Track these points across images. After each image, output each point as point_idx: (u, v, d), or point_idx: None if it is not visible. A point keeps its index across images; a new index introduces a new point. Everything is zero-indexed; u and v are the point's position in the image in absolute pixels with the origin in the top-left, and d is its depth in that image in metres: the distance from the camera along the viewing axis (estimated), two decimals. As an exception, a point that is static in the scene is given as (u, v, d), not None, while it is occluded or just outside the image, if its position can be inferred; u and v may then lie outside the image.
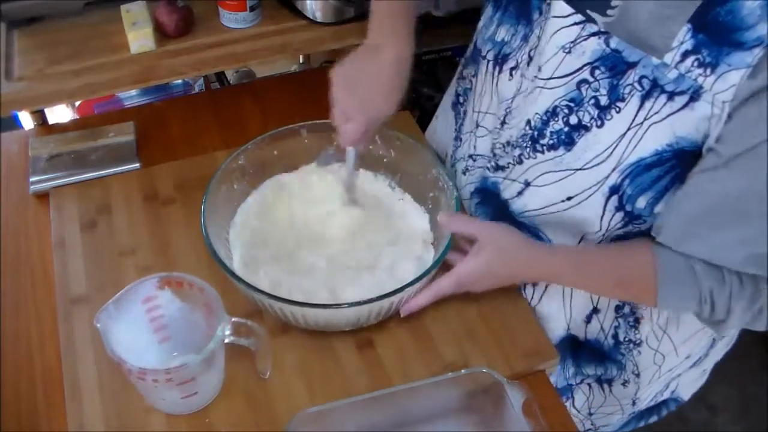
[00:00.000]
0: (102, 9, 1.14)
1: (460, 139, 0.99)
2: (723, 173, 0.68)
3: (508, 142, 0.85)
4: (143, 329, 0.77)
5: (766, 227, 0.66)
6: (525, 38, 0.82)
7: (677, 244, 0.74)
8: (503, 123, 0.86)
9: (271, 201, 0.97)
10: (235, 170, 0.94)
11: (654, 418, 1.06)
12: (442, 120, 1.06)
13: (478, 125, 0.93)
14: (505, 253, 0.81)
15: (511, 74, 0.84)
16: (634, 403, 0.99)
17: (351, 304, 0.79)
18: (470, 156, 0.95)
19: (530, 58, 0.80)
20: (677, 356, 0.93)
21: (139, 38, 1.06)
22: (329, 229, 0.93)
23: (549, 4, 0.77)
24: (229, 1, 1.11)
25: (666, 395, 1.02)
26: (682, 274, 0.74)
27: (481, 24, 0.89)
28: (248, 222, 0.95)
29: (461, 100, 0.98)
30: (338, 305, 0.81)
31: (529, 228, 0.87)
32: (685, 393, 1.05)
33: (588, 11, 0.72)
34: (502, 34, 0.85)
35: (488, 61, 0.88)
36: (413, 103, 1.52)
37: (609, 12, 0.71)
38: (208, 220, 0.85)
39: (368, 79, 0.83)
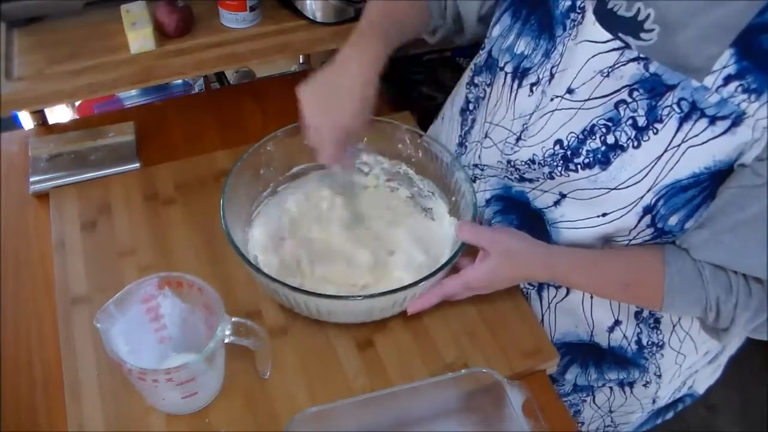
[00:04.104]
0: (102, 9, 1.14)
1: (465, 146, 0.98)
2: (762, 192, 0.68)
3: (532, 160, 0.84)
4: (143, 329, 0.77)
5: None
6: (547, 54, 0.81)
7: (697, 250, 0.75)
8: (519, 139, 0.85)
9: (296, 189, 0.98)
10: (262, 155, 0.94)
11: (670, 414, 1.07)
12: (448, 124, 1.05)
13: (486, 135, 0.92)
14: (511, 257, 0.81)
15: (531, 90, 0.83)
16: (654, 402, 1.00)
17: (364, 297, 0.80)
18: (476, 165, 0.95)
19: (552, 76, 0.80)
20: (697, 354, 0.94)
21: (139, 38, 1.06)
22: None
23: (575, 21, 0.76)
24: (229, 1, 1.11)
25: (683, 391, 1.03)
26: (690, 279, 0.75)
27: (497, 33, 0.87)
28: (270, 208, 0.95)
29: (471, 107, 0.97)
30: (353, 297, 0.81)
31: (555, 241, 0.87)
32: (701, 387, 1.05)
33: (620, 35, 0.72)
34: (522, 46, 0.83)
35: (506, 73, 0.86)
36: (413, 103, 1.52)
37: (643, 36, 0.70)
38: (228, 205, 0.85)
39: (332, 88, 0.82)
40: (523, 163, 0.86)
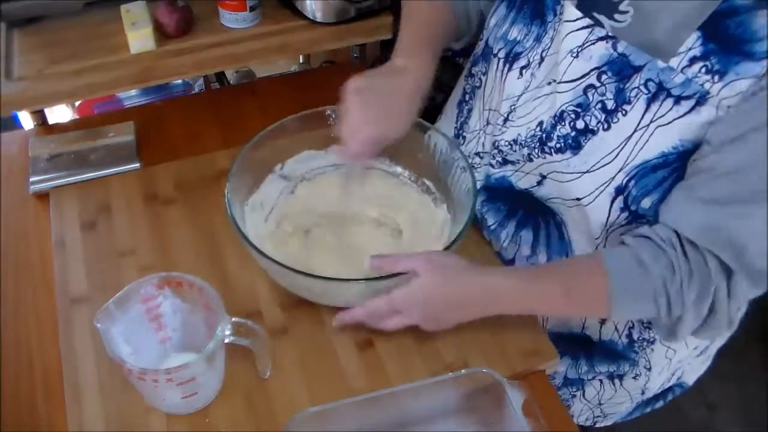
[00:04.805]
0: (102, 9, 1.14)
1: (464, 137, 0.98)
2: (712, 157, 0.69)
3: (515, 141, 0.85)
4: (143, 329, 0.77)
5: (738, 209, 0.68)
6: (538, 39, 0.82)
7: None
8: (506, 120, 0.86)
9: (295, 177, 0.99)
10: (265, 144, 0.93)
11: (660, 403, 1.07)
12: (445, 118, 1.06)
13: (488, 122, 0.93)
14: (440, 272, 0.77)
15: (521, 72, 0.84)
16: (643, 393, 1.00)
17: (362, 280, 0.80)
18: (477, 153, 0.95)
19: (542, 59, 0.81)
20: (687, 348, 0.95)
21: (139, 38, 1.06)
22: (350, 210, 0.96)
23: (562, 6, 0.77)
24: (229, 1, 1.11)
25: (672, 382, 1.04)
26: (631, 267, 0.74)
27: (493, 22, 0.89)
28: (270, 196, 0.96)
29: (467, 98, 0.98)
30: (350, 280, 0.81)
31: (555, 216, 0.86)
32: (690, 378, 1.06)
33: (595, 14, 0.73)
34: (515, 33, 0.85)
35: (499, 59, 0.88)
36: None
37: (617, 17, 0.72)
38: (232, 193, 0.86)
39: (386, 97, 0.82)
40: (507, 143, 0.87)
